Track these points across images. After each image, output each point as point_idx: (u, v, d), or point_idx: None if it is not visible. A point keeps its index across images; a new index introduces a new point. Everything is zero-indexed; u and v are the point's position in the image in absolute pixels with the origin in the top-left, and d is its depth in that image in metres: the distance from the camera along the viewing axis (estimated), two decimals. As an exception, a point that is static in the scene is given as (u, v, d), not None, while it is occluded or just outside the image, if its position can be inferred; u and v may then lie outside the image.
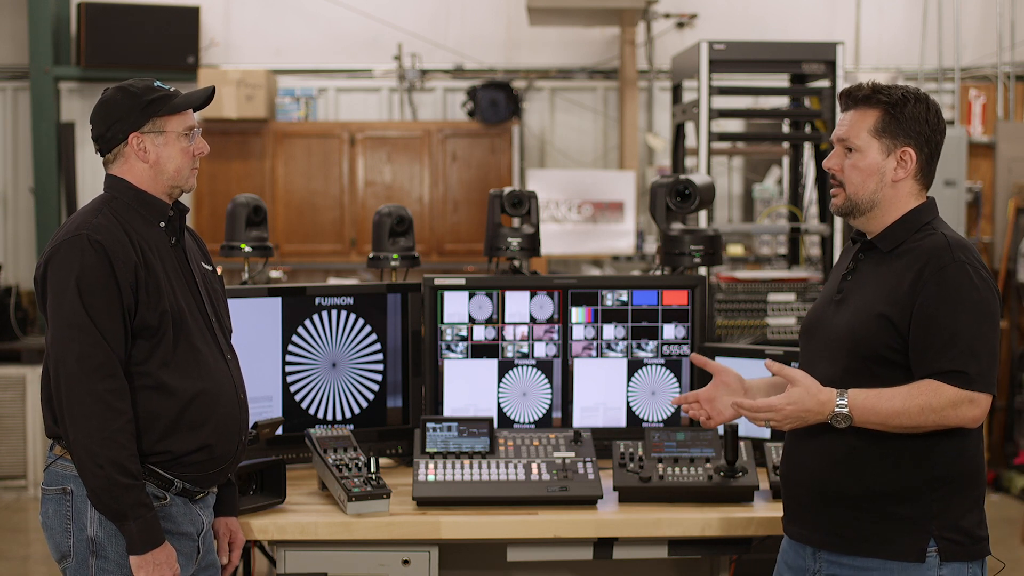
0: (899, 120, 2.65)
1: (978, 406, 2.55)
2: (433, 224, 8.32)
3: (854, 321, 2.65)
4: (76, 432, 2.63)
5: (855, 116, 2.69)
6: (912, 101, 2.66)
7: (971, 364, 2.54)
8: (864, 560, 2.62)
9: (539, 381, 3.71)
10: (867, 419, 2.57)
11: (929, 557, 2.58)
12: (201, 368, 2.78)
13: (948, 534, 2.59)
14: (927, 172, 2.71)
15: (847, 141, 2.69)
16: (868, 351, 2.63)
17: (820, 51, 5.62)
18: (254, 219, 3.92)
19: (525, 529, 3.12)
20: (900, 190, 2.69)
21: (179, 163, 2.81)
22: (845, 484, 2.64)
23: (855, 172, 2.69)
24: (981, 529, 2.64)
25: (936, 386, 2.54)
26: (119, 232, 2.71)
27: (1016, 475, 7.72)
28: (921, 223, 2.68)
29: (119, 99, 2.78)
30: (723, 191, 8.57)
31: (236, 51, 8.72)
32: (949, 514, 2.59)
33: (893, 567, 2.59)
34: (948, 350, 2.55)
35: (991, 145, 8.50)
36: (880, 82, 2.72)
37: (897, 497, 2.60)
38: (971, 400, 2.55)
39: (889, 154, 2.67)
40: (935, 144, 2.69)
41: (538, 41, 8.73)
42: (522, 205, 3.92)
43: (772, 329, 5.71)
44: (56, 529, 2.75)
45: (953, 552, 2.59)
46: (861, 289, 2.70)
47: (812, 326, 2.80)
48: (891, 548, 2.59)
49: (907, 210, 2.69)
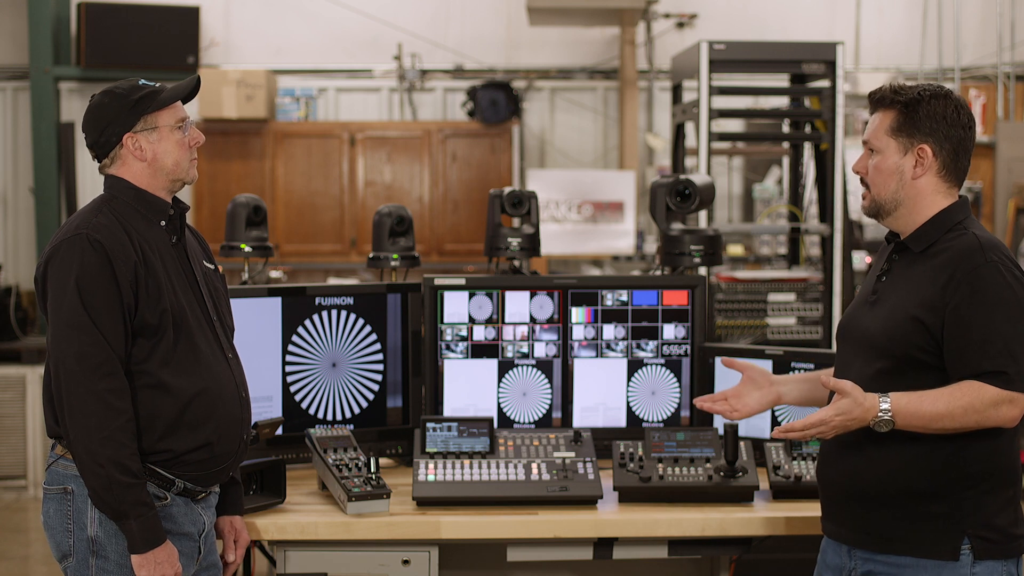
0: (914, 118, 2.65)
1: (1017, 406, 2.55)
2: (433, 224, 8.32)
3: (888, 323, 2.65)
4: (76, 431, 2.63)
5: (876, 118, 2.72)
6: (928, 99, 2.65)
7: (1010, 364, 2.54)
8: (898, 558, 2.62)
9: (539, 381, 3.71)
10: (910, 423, 2.57)
11: (963, 555, 2.58)
12: (202, 367, 2.78)
13: (982, 532, 2.58)
14: (952, 169, 2.69)
15: (869, 143, 2.72)
16: (901, 352, 2.63)
17: (820, 51, 5.62)
18: (254, 219, 3.92)
19: (525, 529, 3.12)
20: (923, 188, 2.68)
21: (176, 156, 2.81)
22: (878, 482, 2.64)
23: (877, 173, 2.71)
24: (1016, 527, 2.63)
25: (978, 387, 2.54)
26: (119, 231, 2.71)
27: (1016, 475, 7.71)
28: (952, 223, 2.67)
29: (107, 103, 2.79)
30: (723, 191, 8.57)
31: (236, 51, 8.72)
32: (983, 512, 2.58)
33: (927, 565, 2.59)
34: (986, 351, 2.54)
35: (991, 145, 8.50)
36: (904, 83, 2.73)
37: (930, 495, 2.60)
38: (1011, 400, 2.54)
39: (907, 153, 2.67)
40: (957, 140, 2.67)
41: (538, 41, 8.73)
42: (522, 205, 3.93)
43: (772, 329, 5.72)
44: (57, 528, 2.75)
45: (987, 550, 2.58)
46: (895, 290, 2.69)
47: (847, 327, 2.80)
48: (924, 546, 2.59)
49: (937, 210, 2.68)
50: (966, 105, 2.69)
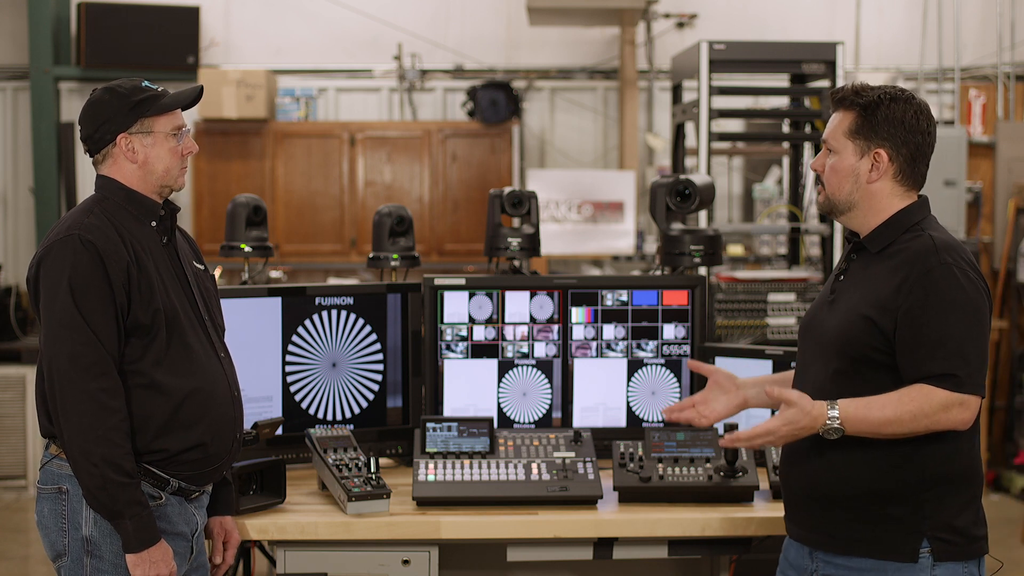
0: (872, 122, 2.64)
1: (968, 408, 2.54)
2: (433, 224, 8.32)
3: (843, 323, 2.65)
4: (70, 431, 2.63)
5: (836, 118, 2.71)
6: (888, 102, 2.63)
7: (961, 367, 2.53)
8: (859, 560, 2.63)
9: (539, 381, 3.71)
10: (858, 429, 2.57)
11: (922, 558, 2.58)
12: (194, 366, 2.78)
13: (941, 534, 2.58)
14: (910, 174, 2.67)
15: (827, 142, 2.72)
16: (855, 352, 2.63)
17: (820, 51, 5.62)
18: (254, 219, 3.92)
19: (525, 529, 3.12)
20: (878, 192, 2.67)
21: (168, 163, 2.81)
22: (838, 485, 2.64)
23: (832, 173, 2.70)
24: (977, 528, 2.63)
25: (927, 391, 2.53)
26: (111, 232, 2.71)
27: (1016, 475, 7.71)
28: (910, 223, 2.66)
29: (107, 100, 2.78)
30: (723, 191, 8.57)
31: (236, 51, 8.72)
32: (942, 514, 2.58)
33: (887, 567, 2.59)
34: (937, 353, 2.53)
35: (991, 145, 8.50)
36: (870, 83, 2.71)
37: (889, 497, 2.60)
38: (961, 403, 2.53)
39: (863, 156, 2.66)
40: (915, 145, 2.65)
41: (538, 41, 8.73)
42: (522, 205, 3.93)
43: (772, 329, 5.71)
44: (51, 528, 2.75)
45: (947, 552, 2.58)
46: (850, 290, 2.70)
47: (807, 327, 2.81)
48: (884, 548, 2.60)
49: (894, 211, 2.67)
50: (927, 109, 2.67)
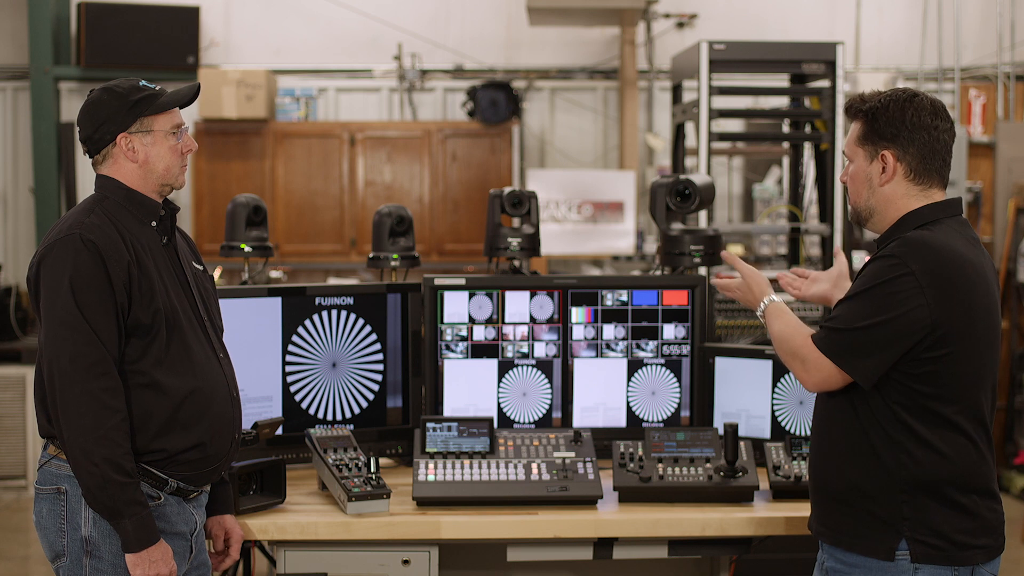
0: (875, 126, 2.67)
1: (807, 368, 2.65)
2: (433, 224, 8.32)
3: None
4: (70, 431, 2.63)
5: (851, 129, 2.77)
6: (888, 105, 2.65)
7: (835, 332, 2.62)
8: (844, 554, 2.66)
9: (539, 381, 3.71)
10: (768, 325, 2.85)
11: (900, 559, 2.58)
12: (194, 366, 2.78)
13: (923, 536, 2.57)
14: (923, 171, 2.66)
15: (845, 153, 2.78)
16: None
17: (820, 51, 5.62)
18: (254, 219, 3.92)
19: (525, 529, 3.12)
20: (891, 194, 2.68)
21: (168, 162, 2.81)
22: (831, 477, 2.70)
23: (851, 182, 2.77)
24: (970, 536, 2.59)
25: (805, 332, 2.70)
26: (112, 231, 2.71)
27: (1016, 475, 7.72)
28: (918, 224, 2.65)
29: (106, 100, 2.78)
30: (723, 191, 8.57)
31: (236, 51, 8.72)
32: (925, 518, 2.58)
33: (871, 564, 2.61)
34: (834, 312, 2.67)
35: (991, 145, 8.50)
36: (879, 87, 2.78)
37: (871, 494, 2.62)
38: (804, 360, 2.65)
39: (873, 160, 2.70)
40: (922, 142, 2.64)
41: (538, 41, 8.73)
42: (522, 205, 3.93)
43: (772, 329, 5.70)
44: (50, 529, 2.74)
45: (928, 555, 2.57)
46: None
47: None
48: (863, 543, 2.62)
49: (908, 212, 2.67)
50: (931, 105, 2.66)
